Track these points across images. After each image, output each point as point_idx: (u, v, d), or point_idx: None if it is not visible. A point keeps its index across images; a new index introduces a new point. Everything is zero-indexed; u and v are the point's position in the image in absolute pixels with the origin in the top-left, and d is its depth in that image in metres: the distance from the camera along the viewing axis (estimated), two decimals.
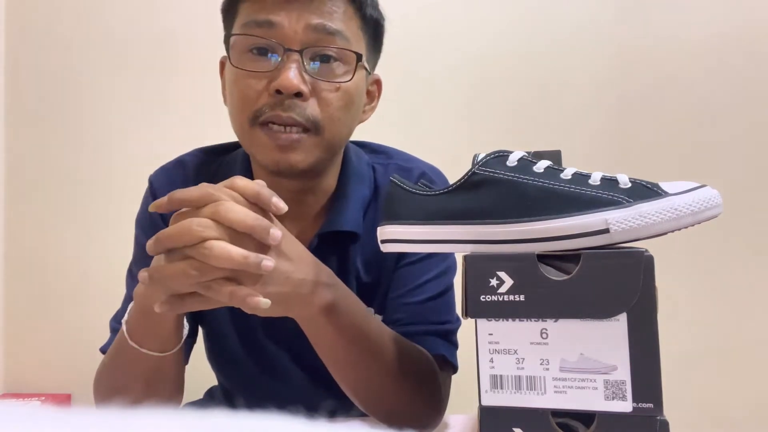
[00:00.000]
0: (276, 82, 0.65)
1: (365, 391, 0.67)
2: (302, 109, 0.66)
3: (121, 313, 0.76)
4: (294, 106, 0.66)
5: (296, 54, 0.65)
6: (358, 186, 0.77)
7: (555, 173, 0.51)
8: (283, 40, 0.66)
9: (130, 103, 1.58)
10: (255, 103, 0.67)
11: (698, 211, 0.48)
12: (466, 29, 1.55)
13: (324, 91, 0.67)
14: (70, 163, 1.58)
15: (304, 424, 0.22)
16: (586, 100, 1.53)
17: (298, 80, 0.65)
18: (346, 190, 0.76)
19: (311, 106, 0.67)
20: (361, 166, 0.80)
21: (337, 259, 0.76)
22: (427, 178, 0.80)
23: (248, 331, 0.79)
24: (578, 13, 1.54)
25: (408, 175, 0.80)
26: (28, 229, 1.59)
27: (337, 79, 0.67)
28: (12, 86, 1.60)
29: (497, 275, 0.49)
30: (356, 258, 0.76)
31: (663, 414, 0.47)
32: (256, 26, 0.66)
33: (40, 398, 1.51)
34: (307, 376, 0.81)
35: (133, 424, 0.20)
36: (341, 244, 0.75)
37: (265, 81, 0.66)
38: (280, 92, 0.65)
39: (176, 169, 0.80)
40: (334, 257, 0.75)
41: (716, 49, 1.52)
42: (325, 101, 0.67)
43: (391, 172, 0.79)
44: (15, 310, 1.58)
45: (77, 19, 1.59)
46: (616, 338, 0.47)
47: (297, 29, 0.65)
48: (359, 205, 0.76)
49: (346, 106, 0.69)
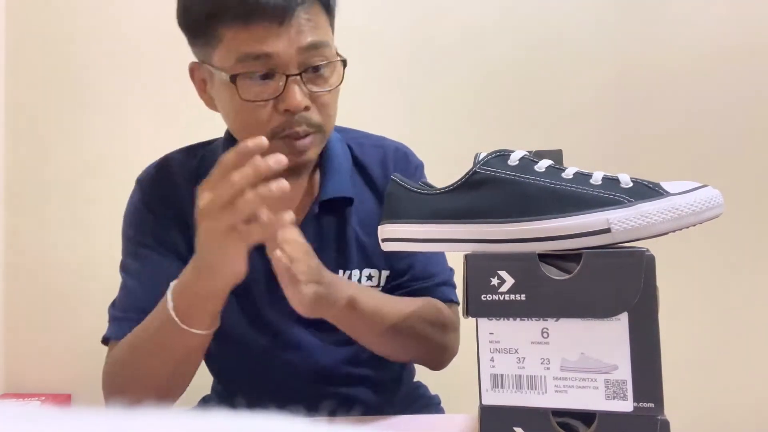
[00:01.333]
0: (285, 104, 0.72)
1: (398, 353, 0.81)
2: (309, 119, 0.75)
3: (120, 302, 0.80)
4: (302, 119, 0.74)
5: (296, 77, 0.72)
6: (339, 156, 0.85)
7: (556, 173, 0.51)
8: (281, 68, 0.72)
9: (131, 104, 1.58)
10: (269, 123, 0.74)
11: (699, 211, 0.48)
12: (469, 29, 1.55)
13: (320, 97, 0.75)
14: (70, 164, 1.58)
15: (304, 424, 0.22)
16: (588, 99, 1.53)
17: (303, 99, 0.73)
18: (334, 162, 0.84)
19: (313, 113, 0.75)
20: (336, 139, 0.87)
21: (336, 223, 0.83)
22: (401, 153, 0.89)
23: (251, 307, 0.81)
24: (580, 14, 1.54)
25: (383, 151, 0.88)
26: (28, 229, 1.59)
27: (329, 86, 0.76)
28: (12, 86, 1.60)
29: (498, 274, 0.49)
30: (353, 220, 0.83)
31: (664, 414, 0.47)
32: (254, 60, 0.71)
33: (40, 398, 1.51)
34: (317, 339, 0.82)
35: (133, 424, 0.20)
36: (338, 210, 0.83)
37: (271, 102, 0.73)
38: (288, 110, 0.73)
39: (160, 168, 0.85)
40: (333, 222, 0.83)
41: (716, 49, 1.51)
42: (323, 106, 0.76)
43: (367, 150, 0.88)
44: (15, 310, 1.58)
45: (77, 19, 1.59)
46: (617, 338, 0.47)
47: (291, 53, 0.72)
48: (346, 173, 0.84)
49: (335, 101, 0.79)
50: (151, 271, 0.78)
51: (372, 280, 0.83)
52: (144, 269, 0.79)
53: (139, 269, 0.79)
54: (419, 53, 1.54)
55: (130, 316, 0.75)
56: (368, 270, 0.83)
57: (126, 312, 0.77)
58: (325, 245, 0.81)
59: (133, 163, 0.90)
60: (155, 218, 0.81)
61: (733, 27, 1.51)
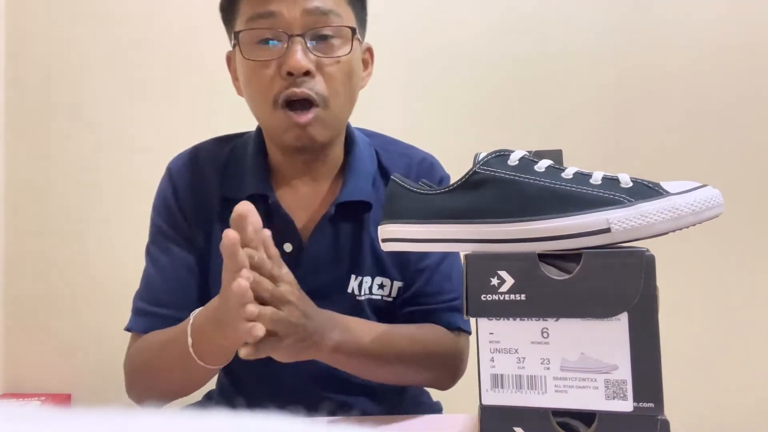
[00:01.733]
0: (286, 65, 0.72)
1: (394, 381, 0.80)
2: (312, 85, 0.73)
3: (141, 293, 0.82)
4: (304, 83, 0.73)
5: (299, 38, 0.73)
6: (364, 160, 0.83)
7: (556, 173, 0.51)
8: (285, 28, 0.73)
9: (131, 104, 1.58)
10: (272, 88, 0.74)
11: (699, 211, 0.48)
12: (469, 29, 1.55)
13: (327, 66, 0.74)
14: (70, 163, 1.58)
15: (304, 424, 0.22)
16: (588, 99, 1.53)
17: (305, 60, 0.72)
18: (355, 164, 0.82)
19: (318, 82, 0.74)
20: (364, 143, 0.85)
21: (352, 228, 0.81)
22: (427, 163, 0.86)
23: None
24: (581, 14, 1.54)
25: (409, 159, 0.86)
26: (28, 229, 1.58)
27: (336, 54, 0.75)
28: (12, 86, 1.59)
29: (498, 274, 0.49)
30: (370, 227, 0.81)
31: (663, 413, 0.46)
32: (260, 18, 0.73)
33: (40, 398, 1.51)
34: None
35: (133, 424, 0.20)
36: (355, 214, 0.81)
37: (275, 67, 0.73)
38: (291, 74, 0.72)
39: (191, 157, 0.85)
40: (349, 226, 0.81)
41: (716, 49, 1.51)
42: (329, 76, 0.74)
43: (394, 156, 0.86)
44: (15, 310, 1.58)
45: (78, 19, 1.59)
46: (617, 338, 0.47)
47: (295, 15, 0.73)
48: (369, 178, 0.82)
49: (347, 77, 0.76)
50: (171, 264, 0.81)
51: (383, 289, 0.81)
52: (165, 262, 0.81)
53: (161, 261, 0.81)
54: (419, 53, 1.54)
55: (152, 309, 0.79)
56: (380, 278, 0.81)
57: (148, 304, 0.80)
58: (340, 249, 0.80)
59: (133, 163, 0.90)
60: (180, 209, 0.82)
61: (733, 27, 1.51)
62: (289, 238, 0.79)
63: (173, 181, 0.83)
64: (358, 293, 0.80)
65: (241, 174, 0.81)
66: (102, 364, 1.48)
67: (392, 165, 0.84)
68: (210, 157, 0.85)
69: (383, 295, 0.82)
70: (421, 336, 0.77)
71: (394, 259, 0.81)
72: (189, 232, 0.81)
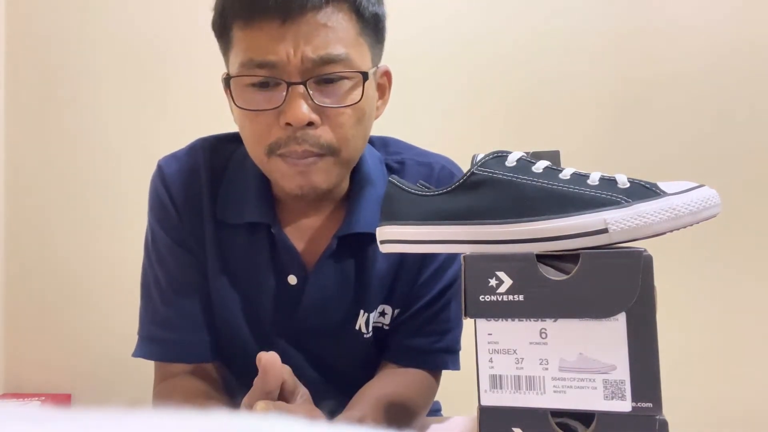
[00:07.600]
0: (285, 117, 0.64)
1: None
2: (316, 138, 0.65)
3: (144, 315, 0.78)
4: (307, 137, 0.65)
5: (300, 86, 0.64)
6: (371, 187, 0.76)
7: (554, 173, 0.51)
8: (285, 76, 0.64)
9: (131, 103, 1.58)
10: (269, 137, 0.66)
11: (697, 211, 0.48)
12: (466, 28, 1.55)
13: (334, 115, 0.66)
14: (70, 163, 1.58)
15: (304, 424, 0.22)
16: (585, 100, 1.53)
17: (306, 112, 0.64)
18: (361, 193, 0.75)
19: (324, 132, 0.66)
20: (374, 165, 0.79)
21: (356, 261, 0.76)
22: (447, 171, 0.80)
23: (258, 325, 0.79)
24: (581, 14, 1.54)
25: (428, 170, 0.79)
26: (28, 230, 1.59)
27: (346, 102, 0.66)
28: (12, 86, 1.60)
29: (496, 275, 0.49)
30: (376, 258, 0.75)
31: (662, 413, 0.47)
32: (257, 67, 0.65)
33: (40, 398, 1.51)
34: (320, 375, 0.81)
35: (133, 424, 0.20)
36: (360, 246, 0.75)
37: (274, 114, 0.66)
38: (290, 124, 0.65)
39: (187, 157, 0.79)
40: (352, 260, 0.75)
41: (716, 48, 1.52)
42: (337, 124, 0.66)
43: (410, 168, 0.79)
44: (15, 310, 1.58)
45: (77, 19, 1.59)
46: (615, 338, 0.47)
47: (296, 63, 0.64)
48: (375, 206, 0.75)
49: (358, 122, 0.68)
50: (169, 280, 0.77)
51: (385, 317, 0.78)
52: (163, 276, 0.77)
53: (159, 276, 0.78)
54: (419, 53, 1.54)
55: (155, 334, 0.77)
56: (382, 306, 0.77)
57: (150, 328, 0.77)
58: (344, 285, 0.75)
59: (133, 164, 0.90)
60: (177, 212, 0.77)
61: (733, 27, 1.51)
62: (293, 270, 0.75)
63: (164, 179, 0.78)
64: (365, 331, 0.77)
65: (240, 199, 0.75)
66: (102, 365, 1.48)
67: (409, 179, 0.75)
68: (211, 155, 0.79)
69: (383, 324, 0.78)
70: (412, 409, 0.73)
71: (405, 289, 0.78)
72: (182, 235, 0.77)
